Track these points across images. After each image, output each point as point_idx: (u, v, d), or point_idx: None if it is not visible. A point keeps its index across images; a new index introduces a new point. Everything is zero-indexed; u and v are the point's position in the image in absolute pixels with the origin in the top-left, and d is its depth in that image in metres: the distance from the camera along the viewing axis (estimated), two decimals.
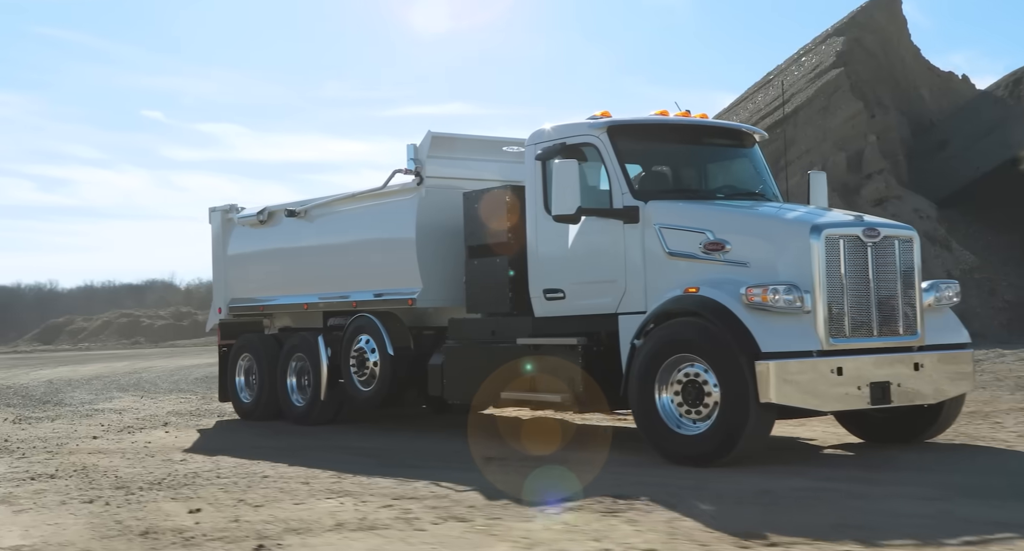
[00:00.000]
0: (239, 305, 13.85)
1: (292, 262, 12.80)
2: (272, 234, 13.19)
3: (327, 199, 12.36)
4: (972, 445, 8.76)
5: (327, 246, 12.20)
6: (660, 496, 6.71)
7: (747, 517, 6.06)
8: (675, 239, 8.47)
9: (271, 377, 12.87)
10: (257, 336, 13.57)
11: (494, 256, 9.98)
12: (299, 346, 12.40)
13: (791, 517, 6.03)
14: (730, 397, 7.66)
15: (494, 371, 9.77)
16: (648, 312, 8.45)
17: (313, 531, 6.04)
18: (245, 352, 13.55)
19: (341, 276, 11.96)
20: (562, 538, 5.66)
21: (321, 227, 12.39)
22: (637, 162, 9.07)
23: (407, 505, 6.76)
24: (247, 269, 13.71)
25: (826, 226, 7.90)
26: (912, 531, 5.49)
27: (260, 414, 13.09)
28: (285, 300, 12.98)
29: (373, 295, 11.59)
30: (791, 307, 7.69)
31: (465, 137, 11.24)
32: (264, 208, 13.30)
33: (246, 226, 13.70)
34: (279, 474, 8.42)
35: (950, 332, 8.55)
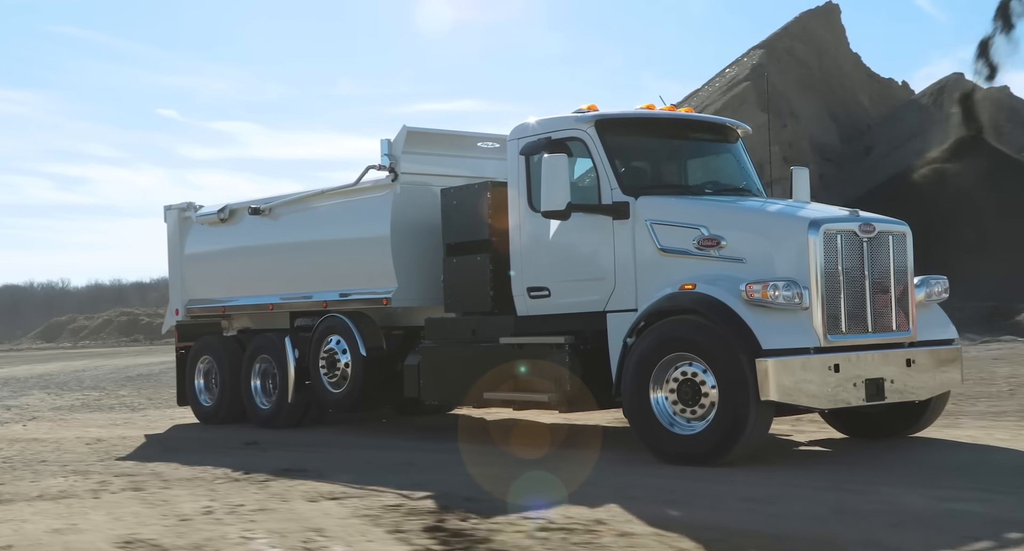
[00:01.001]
0: (198, 306, 13.38)
1: (256, 261, 12.38)
2: (234, 233, 12.76)
3: (294, 196, 11.98)
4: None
5: (295, 244, 11.81)
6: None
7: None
8: (667, 235, 8.32)
9: (234, 380, 12.44)
10: (218, 338, 13.12)
11: (474, 254, 9.72)
12: (264, 347, 12.00)
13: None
14: (729, 395, 7.53)
15: (476, 371, 9.52)
16: (639, 310, 8.28)
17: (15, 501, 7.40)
18: (205, 354, 13.09)
19: (309, 275, 11.59)
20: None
21: (287, 225, 12.00)
22: (624, 157, 8.88)
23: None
24: (206, 269, 13.24)
25: (824, 221, 7.81)
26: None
27: (222, 418, 12.66)
28: (248, 301, 12.55)
29: (339, 295, 11.25)
30: (790, 304, 7.58)
31: (441, 132, 10.96)
32: (225, 206, 12.86)
33: (205, 225, 13.24)
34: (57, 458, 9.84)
35: (939, 328, 8.54)
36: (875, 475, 7.24)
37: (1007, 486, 6.64)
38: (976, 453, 8.17)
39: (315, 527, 6.09)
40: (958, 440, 8.72)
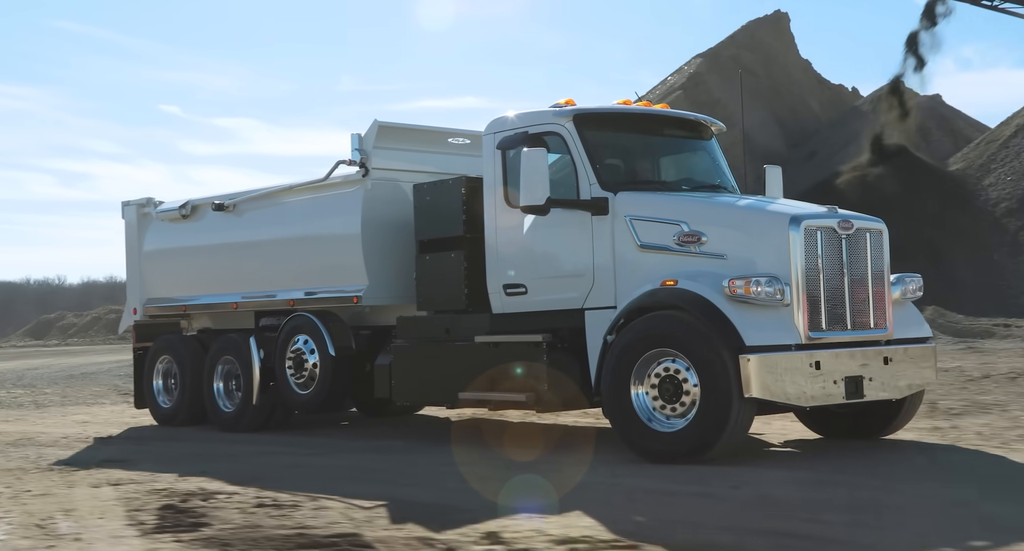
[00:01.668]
0: (157, 305, 13.03)
1: (219, 259, 12.08)
2: (196, 229, 12.44)
3: (260, 192, 11.71)
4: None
5: (260, 242, 11.53)
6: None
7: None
8: (647, 231, 8.24)
9: (195, 381, 12.12)
10: (178, 337, 12.79)
11: (448, 251, 9.56)
12: (228, 348, 11.71)
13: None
14: (711, 392, 7.46)
15: (450, 371, 9.37)
16: (619, 307, 8.19)
17: None
18: (164, 355, 12.75)
19: (276, 273, 11.33)
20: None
21: (253, 222, 11.72)
22: (603, 152, 8.79)
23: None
24: (166, 267, 12.90)
25: (805, 217, 7.78)
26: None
27: (182, 420, 12.32)
28: (211, 300, 12.24)
29: (306, 293, 11.02)
30: (772, 300, 7.54)
31: (413, 127, 10.78)
32: (187, 202, 12.54)
33: (165, 221, 12.90)
34: None
35: (914, 326, 8.56)
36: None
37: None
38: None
39: (70, 508, 6.65)
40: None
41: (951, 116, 43.84)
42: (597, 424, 10.59)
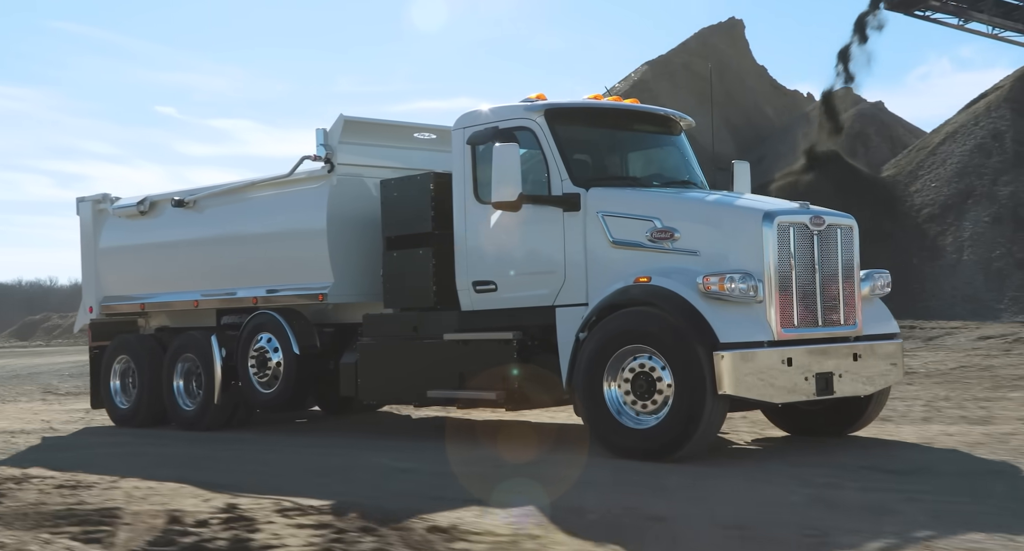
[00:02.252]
0: (114, 303, 12.74)
1: (179, 256, 11.82)
2: (155, 226, 12.17)
3: (222, 188, 11.48)
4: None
5: (222, 238, 11.30)
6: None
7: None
8: (619, 227, 8.18)
9: (154, 380, 11.85)
10: (136, 337, 12.51)
11: (416, 247, 9.44)
12: (188, 346, 11.46)
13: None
14: (685, 389, 7.43)
15: (418, 369, 9.25)
16: (591, 304, 8.13)
17: None
18: (121, 354, 12.46)
19: (238, 271, 11.11)
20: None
21: (214, 218, 11.48)
22: (574, 147, 8.71)
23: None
24: (124, 264, 12.60)
25: (777, 213, 7.78)
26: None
27: (141, 420, 12.05)
28: (170, 297, 11.98)
29: (269, 291, 10.82)
30: (745, 297, 7.52)
31: (380, 122, 10.64)
32: (145, 198, 12.27)
33: (123, 218, 12.61)
34: None
35: (882, 322, 8.59)
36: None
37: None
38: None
39: None
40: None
41: (891, 123, 44.92)
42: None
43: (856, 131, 42.38)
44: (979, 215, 29.01)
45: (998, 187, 29.15)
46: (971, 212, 29.25)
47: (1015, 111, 31.08)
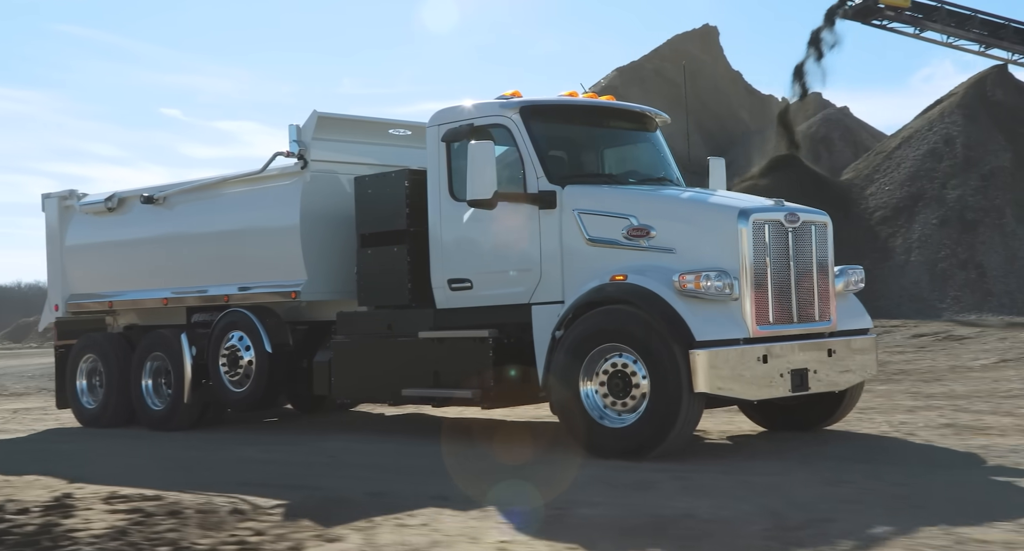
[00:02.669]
0: (81, 301, 12.54)
1: (148, 254, 11.66)
2: (123, 223, 12.00)
3: (192, 184, 11.33)
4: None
5: (193, 235, 11.16)
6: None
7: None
8: (595, 225, 8.16)
9: (122, 380, 11.68)
10: (103, 335, 12.33)
11: (391, 245, 9.36)
12: (157, 344, 11.31)
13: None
14: (661, 387, 7.42)
15: (393, 367, 9.18)
16: (567, 302, 8.11)
17: None
18: (88, 353, 12.27)
19: (209, 268, 10.98)
20: None
21: (185, 215, 11.34)
22: (550, 144, 8.68)
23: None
24: (91, 262, 12.42)
25: (753, 211, 7.79)
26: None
27: (108, 420, 11.87)
28: (139, 295, 11.82)
29: (241, 288, 10.71)
30: (721, 294, 7.53)
31: (353, 118, 10.55)
32: (113, 194, 12.09)
33: (90, 214, 12.42)
34: None
35: (856, 318, 8.64)
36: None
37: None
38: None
39: None
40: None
41: (855, 127, 45.70)
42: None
43: (821, 135, 43.20)
44: (928, 218, 29.77)
45: (947, 190, 29.99)
46: (921, 215, 30.01)
47: (966, 117, 31.95)
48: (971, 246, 28.76)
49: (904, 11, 31.22)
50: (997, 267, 28.05)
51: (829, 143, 43.42)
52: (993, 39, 32.12)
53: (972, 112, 31.87)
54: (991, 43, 32.20)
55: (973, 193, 29.74)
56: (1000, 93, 32.44)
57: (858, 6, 31.30)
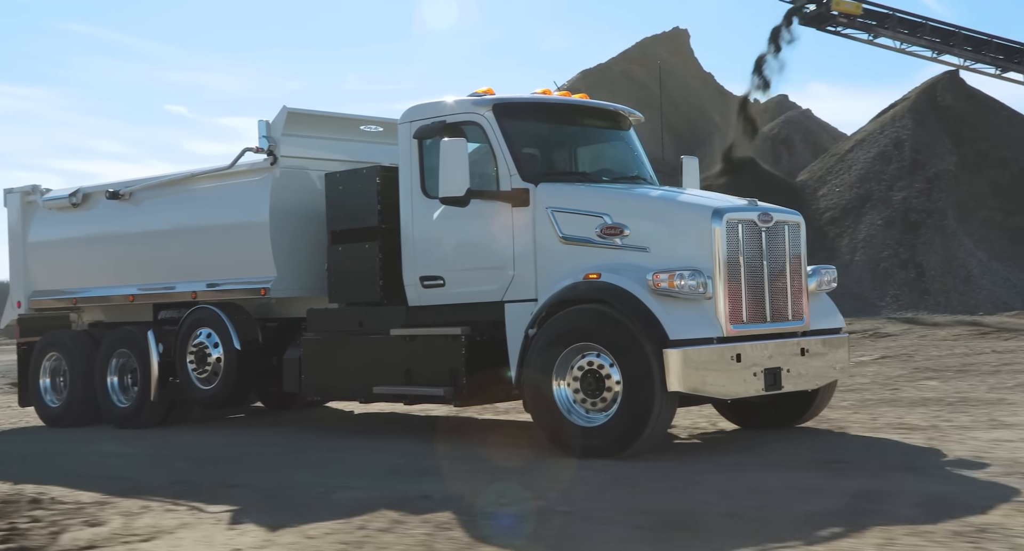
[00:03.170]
0: (44, 298, 12.33)
1: (114, 250, 11.48)
2: (88, 218, 11.81)
3: (159, 180, 11.17)
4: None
5: (160, 232, 11.00)
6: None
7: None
8: (569, 223, 8.13)
9: (86, 377, 11.50)
10: (67, 332, 12.13)
11: (362, 241, 9.28)
12: (123, 341, 11.14)
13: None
14: (634, 386, 7.40)
15: (364, 364, 9.11)
16: (540, 300, 8.07)
17: None
18: (52, 350, 12.07)
19: (176, 265, 10.83)
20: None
21: (151, 211, 11.17)
22: (523, 142, 8.63)
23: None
24: (55, 258, 12.22)
25: (727, 210, 7.79)
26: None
27: (72, 419, 11.69)
28: (104, 292, 11.63)
29: (209, 285, 10.58)
30: (694, 293, 7.52)
31: (324, 114, 10.43)
32: (78, 189, 11.89)
33: (54, 210, 12.21)
34: None
35: (828, 317, 8.68)
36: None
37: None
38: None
39: None
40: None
41: (816, 129, 46.33)
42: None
43: (782, 137, 43.89)
44: (874, 219, 30.39)
45: (893, 192, 30.64)
46: (867, 215, 30.63)
47: (916, 121, 32.65)
48: (912, 246, 29.50)
49: (857, 18, 32.02)
50: (935, 267, 28.83)
51: (790, 145, 44.21)
52: (944, 46, 32.93)
53: (922, 116, 32.73)
54: (943, 50, 33.02)
55: (917, 195, 30.60)
56: (950, 98, 33.33)
57: (813, 12, 32.30)
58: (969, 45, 32.96)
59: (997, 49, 32.83)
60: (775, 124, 46.05)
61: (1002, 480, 6.32)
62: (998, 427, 8.52)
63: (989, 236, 29.69)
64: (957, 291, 27.79)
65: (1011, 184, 30.99)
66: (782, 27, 33.25)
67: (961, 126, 32.44)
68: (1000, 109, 33.90)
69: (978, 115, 32.94)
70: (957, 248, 29.02)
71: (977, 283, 28.07)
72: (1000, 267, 28.89)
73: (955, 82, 34.15)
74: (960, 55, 33.17)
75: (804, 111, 46.94)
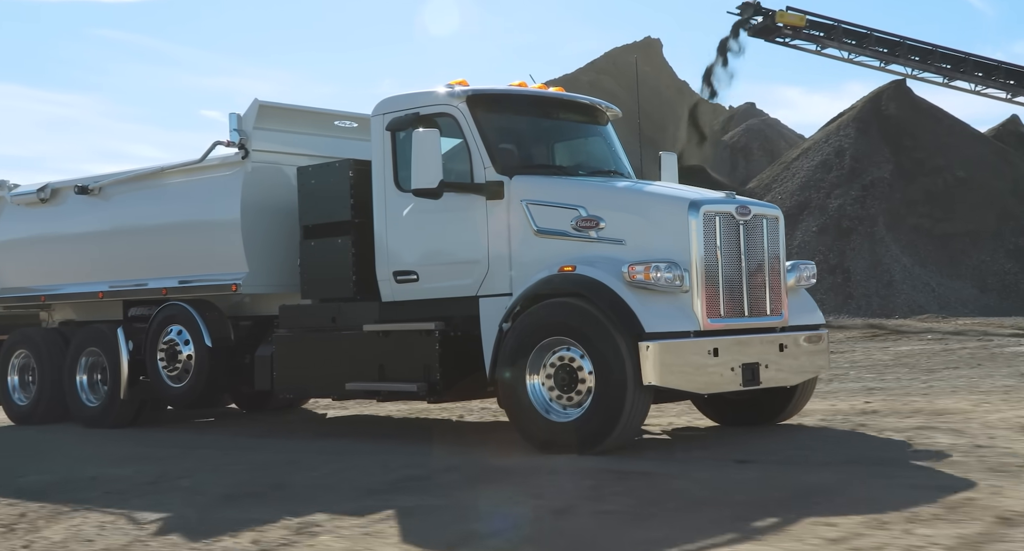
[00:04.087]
0: (12, 295, 12.11)
1: (83, 246, 11.27)
2: (57, 214, 11.60)
3: (128, 175, 10.98)
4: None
5: (129, 227, 10.80)
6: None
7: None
8: (544, 216, 8.00)
9: (55, 375, 11.29)
10: (36, 330, 11.93)
11: (335, 236, 9.12)
12: (92, 339, 10.95)
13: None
14: (606, 380, 7.26)
15: (337, 361, 8.95)
16: (515, 294, 7.94)
17: None
18: (20, 348, 11.86)
19: (146, 261, 10.63)
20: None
21: (121, 206, 10.97)
22: (497, 134, 8.49)
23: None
24: (23, 255, 12.00)
25: (703, 203, 7.69)
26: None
27: (40, 417, 11.49)
28: (74, 289, 11.42)
29: (180, 282, 10.39)
30: (671, 286, 7.41)
31: (296, 108, 10.27)
32: (47, 185, 11.68)
33: (22, 206, 12.00)
34: None
35: (808, 313, 8.58)
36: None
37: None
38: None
39: None
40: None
41: (775, 138, 46.86)
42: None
43: (741, 145, 44.40)
44: (809, 226, 30.87)
45: (830, 200, 31.30)
46: (804, 222, 31.11)
47: (859, 130, 33.28)
48: (842, 252, 30.06)
49: (802, 30, 32.61)
50: (861, 272, 29.36)
51: (748, 153, 44.77)
52: (891, 56, 33.47)
53: (865, 125, 33.43)
54: (889, 60, 33.57)
55: (852, 202, 31.28)
56: (894, 107, 33.98)
57: (759, 25, 33.05)
58: (915, 55, 33.55)
59: (942, 58, 33.45)
60: (736, 132, 46.66)
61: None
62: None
63: (916, 242, 30.41)
64: (879, 295, 28.30)
65: (943, 191, 31.69)
66: (729, 38, 34.24)
67: (902, 135, 33.14)
68: (943, 118, 34.61)
69: (920, 124, 33.65)
70: (884, 254, 29.65)
71: (898, 288, 28.70)
72: (922, 272, 29.53)
73: (901, 91, 34.81)
74: (907, 65, 33.80)
75: (765, 119, 47.60)
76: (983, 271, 29.54)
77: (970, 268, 29.63)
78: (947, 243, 30.36)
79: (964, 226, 30.47)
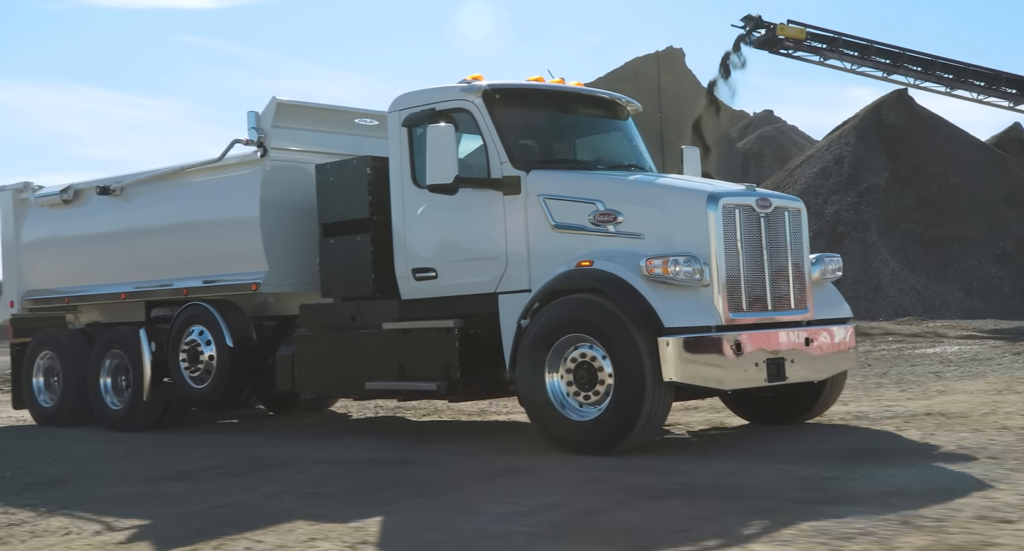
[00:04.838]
0: (37, 297, 12.17)
1: (106, 247, 11.30)
2: (80, 215, 11.64)
3: (149, 175, 10.99)
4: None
5: (151, 227, 10.81)
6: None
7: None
8: (562, 211, 7.89)
9: (79, 377, 11.33)
10: (61, 331, 11.98)
11: (353, 234, 9.07)
12: (115, 341, 10.97)
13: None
14: (625, 377, 7.12)
15: (357, 360, 8.89)
16: (534, 289, 7.84)
17: None
18: (45, 350, 11.92)
19: (168, 261, 10.63)
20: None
21: (142, 206, 10.99)
22: (514, 129, 8.38)
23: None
24: (48, 256, 12.06)
25: (722, 195, 7.53)
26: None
27: (65, 419, 11.54)
28: (97, 290, 11.45)
29: (203, 282, 10.38)
30: (690, 280, 7.26)
31: (314, 106, 10.22)
32: (69, 186, 11.73)
33: (46, 207, 12.06)
34: None
35: (834, 306, 8.39)
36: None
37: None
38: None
39: None
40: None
41: (787, 145, 46.77)
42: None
43: (754, 152, 44.41)
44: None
45: (827, 206, 31.62)
46: None
47: (859, 138, 33.50)
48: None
49: (803, 42, 32.60)
50: (851, 276, 29.74)
51: (760, 159, 44.75)
52: (893, 67, 33.36)
53: (865, 134, 33.86)
54: (891, 70, 33.47)
55: (847, 208, 31.69)
56: (894, 116, 34.32)
57: (762, 38, 33.16)
58: (917, 65, 33.45)
59: (943, 68, 33.32)
60: (749, 139, 46.59)
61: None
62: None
63: (907, 247, 30.62)
64: (865, 299, 28.42)
65: (936, 198, 31.91)
66: (731, 53, 34.30)
67: (900, 143, 33.49)
68: (942, 126, 34.81)
69: (919, 132, 33.96)
70: (874, 258, 29.97)
71: (884, 291, 28.87)
72: (910, 276, 29.69)
73: (902, 100, 35.08)
74: (909, 75, 33.70)
75: (780, 127, 47.50)
76: (970, 275, 29.84)
77: (958, 272, 29.89)
78: (937, 248, 30.72)
79: (954, 231, 30.76)
